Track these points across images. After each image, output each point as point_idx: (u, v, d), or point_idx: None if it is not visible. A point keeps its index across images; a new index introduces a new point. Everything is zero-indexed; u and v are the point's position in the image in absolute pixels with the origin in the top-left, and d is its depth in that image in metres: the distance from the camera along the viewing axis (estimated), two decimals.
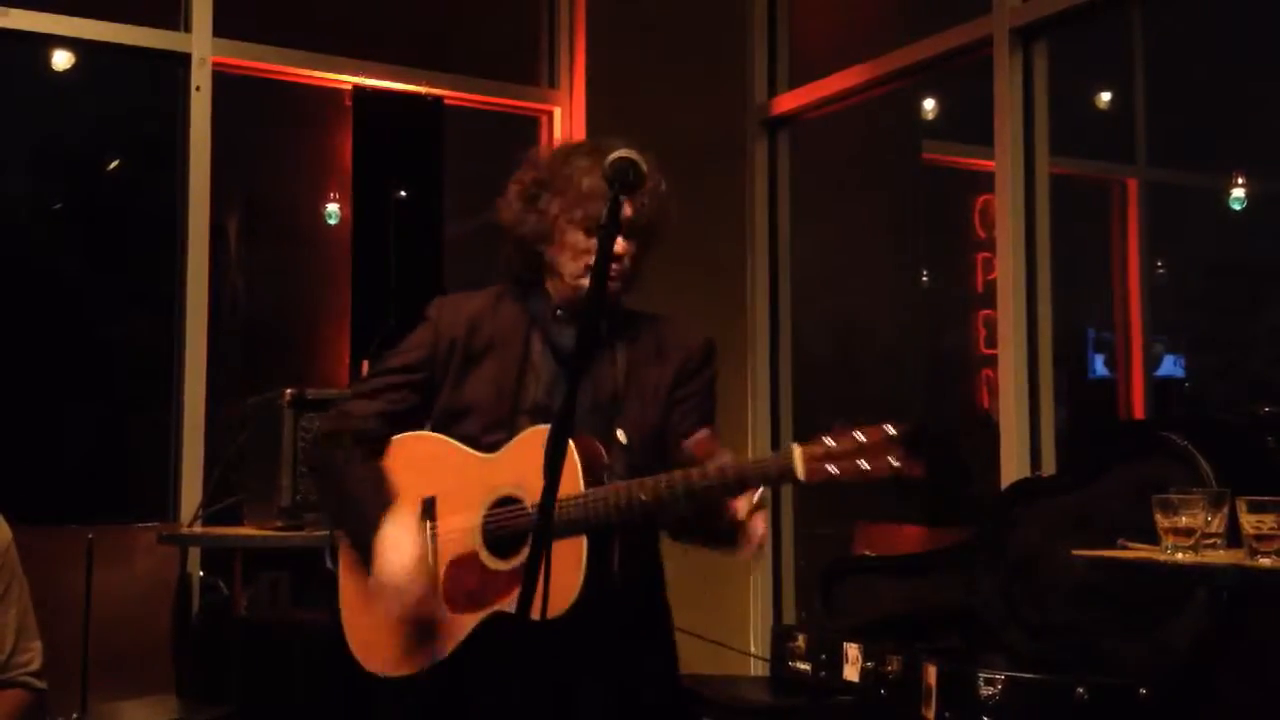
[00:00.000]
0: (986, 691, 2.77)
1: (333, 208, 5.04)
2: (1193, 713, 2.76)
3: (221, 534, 3.58)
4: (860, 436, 2.01)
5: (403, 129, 4.84)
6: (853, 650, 3.25)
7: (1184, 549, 2.32)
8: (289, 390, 3.26)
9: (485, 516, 2.26)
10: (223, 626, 4.20)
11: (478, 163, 5.41)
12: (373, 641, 2.36)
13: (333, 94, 4.85)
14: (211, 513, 3.76)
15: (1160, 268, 5.95)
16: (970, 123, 4.94)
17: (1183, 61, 5.64)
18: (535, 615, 1.95)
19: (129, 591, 3.91)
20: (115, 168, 5.15)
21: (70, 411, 4.72)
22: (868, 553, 4.06)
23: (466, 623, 2.24)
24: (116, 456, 4.83)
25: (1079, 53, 5.02)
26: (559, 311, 2.39)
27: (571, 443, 2.15)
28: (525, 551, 2.08)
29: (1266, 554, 2.20)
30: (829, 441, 2.02)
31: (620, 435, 2.32)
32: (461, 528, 2.28)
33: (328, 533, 2.50)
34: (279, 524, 3.22)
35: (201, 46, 4.40)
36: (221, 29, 4.44)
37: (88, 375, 4.84)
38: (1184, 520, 2.32)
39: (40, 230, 4.91)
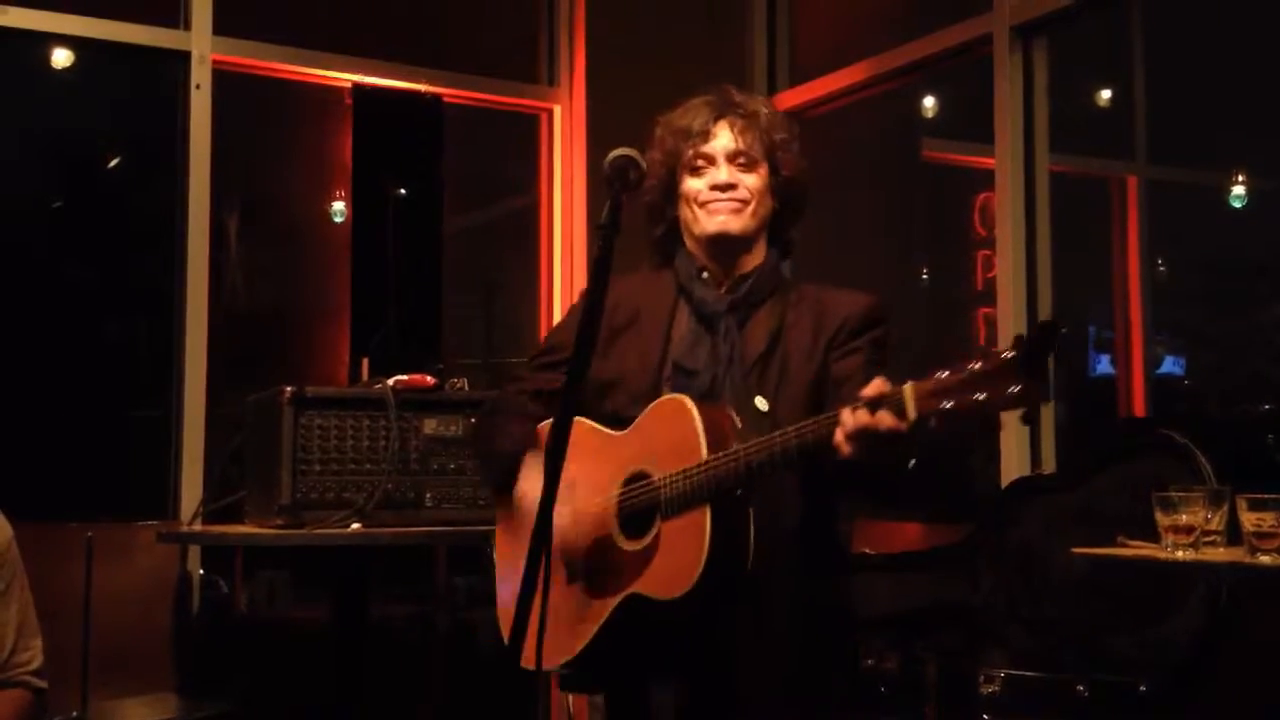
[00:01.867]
0: (987, 689, 2.77)
1: (333, 206, 5.04)
2: (1192, 709, 2.76)
3: (221, 532, 3.58)
4: (976, 366, 1.79)
5: (402, 127, 4.84)
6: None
7: (1184, 546, 2.32)
8: (289, 388, 3.25)
9: (619, 495, 2.18)
10: (223, 624, 4.20)
11: (477, 161, 5.42)
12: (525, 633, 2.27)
13: (332, 92, 4.85)
14: (211, 510, 3.75)
15: (1160, 265, 5.94)
16: (970, 120, 4.94)
17: (1182, 59, 5.64)
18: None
19: (129, 589, 3.91)
20: (115, 166, 5.15)
21: (70, 409, 4.71)
22: (868, 551, 4.06)
23: (606, 606, 2.16)
24: (116, 454, 4.83)
25: (1079, 50, 5.02)
26: (704, 273, 2.34)
27: (695, 410, 2.10)
28: (655, 529, 2.09)
29: (1266, 551, 2.20)
30: (941, 375, 1.83)
31: (759, 402, 2.20)
32: (599, 509, 2.20)
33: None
34: (279, 522, 3.22)
35: (201, 44, 4.40)
36: (221, 27, 4.44)
37: (88, 373, 4.84)
38: (1184, 518, 2.33)
39: (40, 228, 4.91)
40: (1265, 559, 2.19)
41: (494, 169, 5.60)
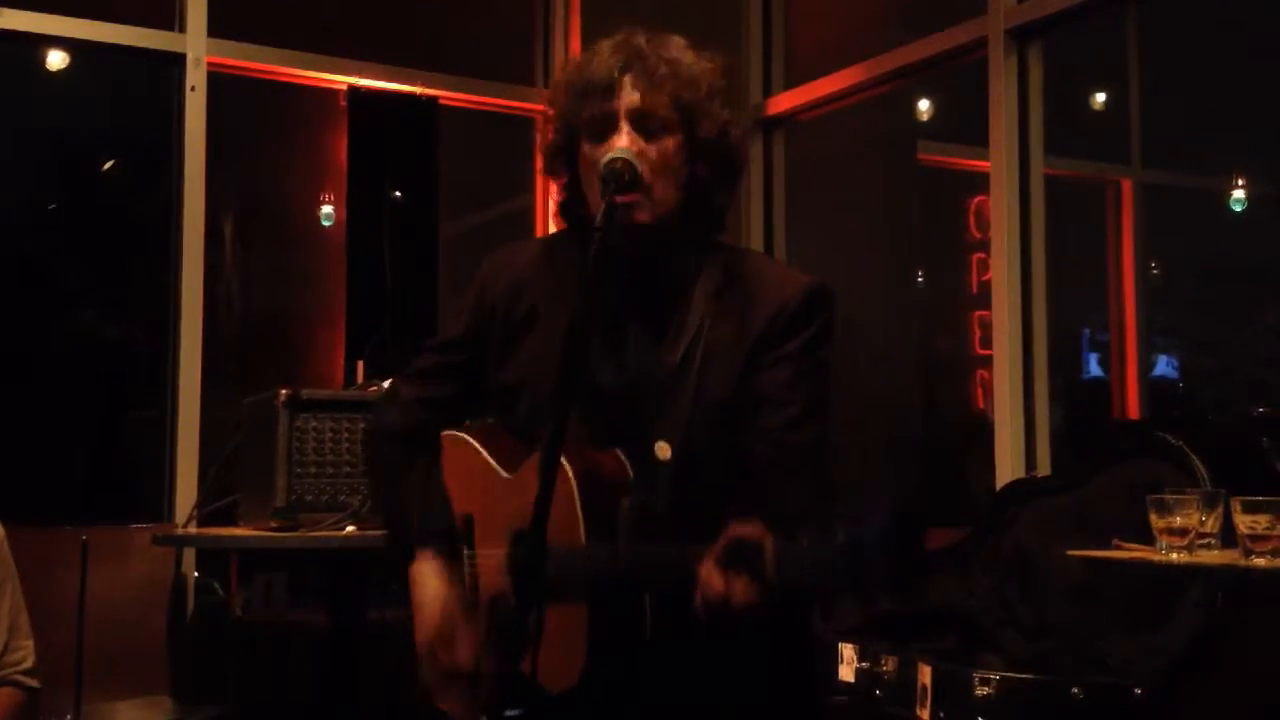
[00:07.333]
0: (981, 691, 2.77)
1: (328, 209, 5.04)
2: (1187, 713, 2.76)
3: (216, 535, 3.58)
4: (842, 540, 1.51)
5: (398, 130, 4.84)
6: (848, 651, 3.25)
7: (1179, 549, 2.33)
8: (284, 390, 3.26)
9: (508, 557, 1.84)
10: (218, 627, 4.20)
11: (472, 164, 5.42)
12: (437, 687, 1.99)
13: (327, 95, 4.85)
14: (206, 513, 3.75)
15: (1155, 269, 5.95)
16: (965, 124, 4.94)
17: (1178, 62, 5.65)
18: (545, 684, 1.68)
19: (124, 592, 3.91)
20: (110, 168, 5.14)
21: (65, 412, 4.71)
22: None
23: (497, 675, 1.85)
24: (112, 457, 4.82)
25: (1074, 54, 5.03)
26: (612, 256, 1.79)
27: (574, 481, 1.71)
28: (543, 606, 1.69)
29: (1261, 554, 2.20)
30: (805, 544, 1.54)
31: (660, 449, 1.79)
32: (495, 560, 1.86)
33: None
34: (274, 524, 3.22)
35: (196, 47, 4.40)
36: (216, 29, 4.44)
37: (83, 376, 4.83)
38: (1179, 520, 2.33)
39: (35, 230, 4.90)
40: (1260, 561, 2.19)
41: (489, 171, 5.59)
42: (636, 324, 1.88)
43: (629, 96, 1.88)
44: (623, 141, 1.84)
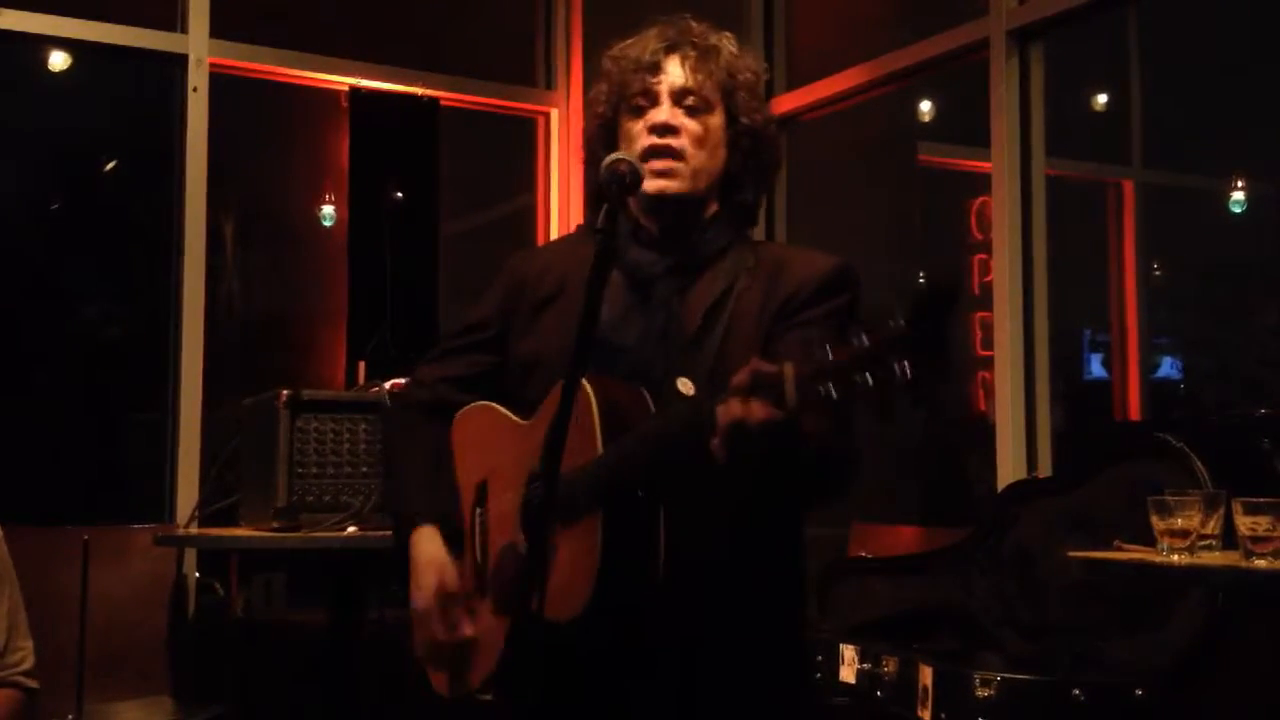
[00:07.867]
0: (982, 692, 2.77)
1: (329, 209, 5.04)
2: (1188, 714, 2.76)
3: (218, 535, 3.58)
4: (863, 342, 1.43)
5: (399, 130, 4.85)
6: (849, 652, 3.25)
7: (1180, 550, 2.32)
8: (285, 391, 3.26)
9: (521, 496, 1.85)
10: (219, 627, 4.20)
11: (474, 164, 5.42)
12: (435, 657, 2.01)
13: (329, 95, 4.85)
14: (208, 513, 3.75)
15: (1156, 270, 5.95)
16: (967, 125, 4.94)
17: (1178, 64, 5.65)
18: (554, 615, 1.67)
19: (125, 592, 3.91)
20: (112, 169, 5.15)
21: (66, 412, 4.71)
22: (864, 554, 4.06)
23: (505, 626, 1.87)
24: (113, 457, 4.83)
25: (1075, 55, 5.03)
26: (640, 232, 1.93)
27: (593, 394, 1.74)
28: (554, 535, 1.74)
29: (1262, 555, 2.20)
30: (824, 353, 1.47)
31: (682, 384, 1.80)
32: (505, 512, 1.89)
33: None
34: (275, 525, 3.22)
35: (198, 48, 4.40)
36: (218, 30, 4.44)
37: (85, 376, 4.84)
38: (1179, 522, 2.33)
39: (37, 231, 4.91)
40: (1261, 563, 2.19)
41: (491, 172, 5.60)
42: (663, 289, 1.91)
43: (673, 74, 1.94)
44: (663, 115, 1.90)
